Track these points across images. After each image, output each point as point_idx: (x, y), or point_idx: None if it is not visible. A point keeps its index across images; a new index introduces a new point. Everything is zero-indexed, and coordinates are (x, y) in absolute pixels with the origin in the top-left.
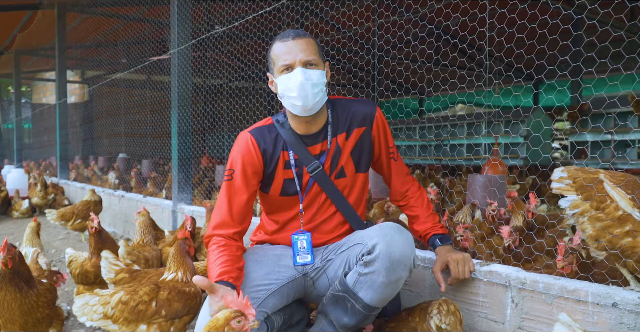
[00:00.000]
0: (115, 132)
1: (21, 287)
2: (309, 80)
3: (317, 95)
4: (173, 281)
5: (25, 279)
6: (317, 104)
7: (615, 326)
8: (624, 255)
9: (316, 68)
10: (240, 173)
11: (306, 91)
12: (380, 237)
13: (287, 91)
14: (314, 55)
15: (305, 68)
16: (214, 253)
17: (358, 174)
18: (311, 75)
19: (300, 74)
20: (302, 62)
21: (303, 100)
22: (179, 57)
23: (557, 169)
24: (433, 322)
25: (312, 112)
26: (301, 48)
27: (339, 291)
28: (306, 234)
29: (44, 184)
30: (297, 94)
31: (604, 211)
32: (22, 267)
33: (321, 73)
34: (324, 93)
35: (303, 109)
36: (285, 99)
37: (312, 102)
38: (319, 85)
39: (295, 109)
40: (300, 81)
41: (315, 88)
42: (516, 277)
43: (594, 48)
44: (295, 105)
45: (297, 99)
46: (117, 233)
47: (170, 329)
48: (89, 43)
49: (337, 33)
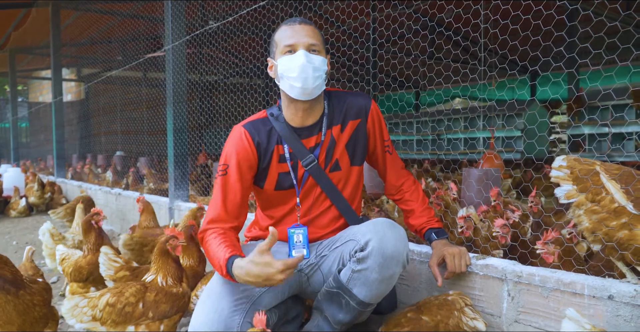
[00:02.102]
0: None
1: (7, 289)
2: (310, 63)
3: (317, 80)
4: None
5: (10, 281)
6: (316, 89)
7: (612, 318)
8: (621, 248)
9: (319, 54)
10: (235, 168)
11: (307, 73)
12: (373, 234)
13: (288, 71)
14: (318, 42)
15: (308, 52)
16: (214, 241)
17: (353, 167)
18: (313, 59)
19: (302, 55)
20: (305, 46)
21: (303, 82)
22: (174, 53)
23: (558, 157)
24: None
25: (310, 96)
26: (306, 33)
27: (333, 287)
28: (303, 228)
29: (40, 183)
30: (298, 75)
31: (600, 204)
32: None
33: (323, 60)
34: (323, 81)
35: (302, 91)
36: (284, 81)
37: (312, 85)
38: (320, 70)
39: (293, 91)
40: (303, 63)
41: (316, 72)
42: (512, 271)
43: (588, 39)
44: (294, 86)
45: (296, 80)
46: (114, 231)
47: (160, 328)
48: (84, 41)
49: (332, 27)
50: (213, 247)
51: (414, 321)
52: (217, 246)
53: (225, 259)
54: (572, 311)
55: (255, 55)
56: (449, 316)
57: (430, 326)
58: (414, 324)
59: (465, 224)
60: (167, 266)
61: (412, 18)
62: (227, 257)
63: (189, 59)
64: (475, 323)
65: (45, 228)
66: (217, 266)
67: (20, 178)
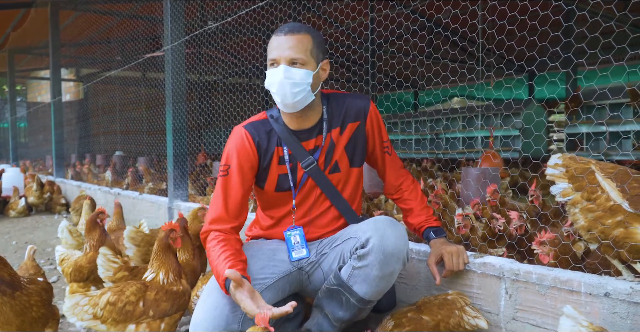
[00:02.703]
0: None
1: (3, 291)
2: (288, 79)
3: (297, 95)
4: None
5: (6, 282)
6: (299, 103)
7: (608, 315)
8: (617, 245)
9: (302, 67)
10: (237, 168)
11: (284, 90)
12: (373, 231)
13: (269, 86)
14: (301, 54)
15: (289, 66)
16: (215, 249)
17: (352, 169)
18: (294, 74)
19: (281, 71)
20: (286, 60)
21: (282, 98)
22: (173, 53)
23: (554, 155)
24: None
25: (293, 109)
26: (290, 45)
27: (334, 285)
28: (298, 229)
29: (39, 183)
30: (276, 91)
31: (595, 202)
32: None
33: (306, 73)
34: (308, 92)
35: (283, 105)
36: (271, 93)
37: (291, 100)
38: (301, 85)
39: (278, 104)
40: (280, 79)
41: (295, 88)
42: (510, 269)
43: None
44: (277, 101)
45: (276, 95)
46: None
47: (160, 326)
48: (83, 41)
49: (331, 27)
50: (214, 255)
51: (414, 321)
52: (218, 257)
53: (223, 279)
54: (570, 309)
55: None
56: (449, 315)
57: (431, 326)
58: (414, 324)
59: (463, 222)
60: (169, 261)
61: (410, 18)
62: (224, 277)
63: (188, 59)
64: (477, 321)
65: (64, 225)
66: (216, 278)
67: (19, 178)
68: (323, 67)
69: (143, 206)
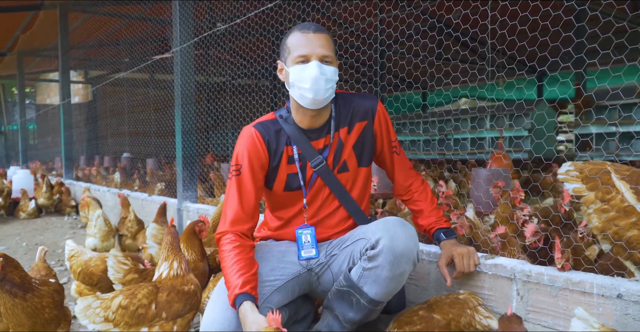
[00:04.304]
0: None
1: (14, 293)
2: (323, 74)
3: (328, 91)
4: (170, 278)
5: (17, 285)
6: (326, 99)
7: (621, 317)
8: (630, 247)
9: (331, 65)
10: (248, 167)
11: (319, 85)
12: (383, 232)
13: (300, 82)
14: (330, 52)
15: (321, 63)
16: (229, 255)
17: (360, 168)
18: (326, 70)
19: (316, 67)
20: (319, 57)
21: (314, 94)
22: (182, 55)
23: (564, 164)
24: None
25: (320, 105)
26: (320, 43)
27: (344, 286)
28: (310, 228)
29: (49, 184)
30: (310, 87)
31: (609, 203)
32: (11, 274)
33: (335, 70)
34: (333, 89)
35: (313, 101)
36: (295, 89)
37: (323, 96)
38: (332, 81)
39: (303, 101)
40: (316, 75)
41: (328, 83)
42: (521, 270)
43: (596, 39)
44: (306, 96)
45: (309, 91)
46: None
47: (173, 328)
48: (92, 43)
49: (339, 28)
50: (227, 262)
51: (426, 319)
52: (231, 266)
53: (234, 294)
54: (581, 310)
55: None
56: (460, 314)
57: (442, 325)
58: (426, 322)
59: (459, 222)
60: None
61: (420, 19)
62: (236, 293)
63: (196, 61)
64: (489, 322)
65: (99, 213)
66: (227, 288)
67: (29, 180)
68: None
69: (152, 208)
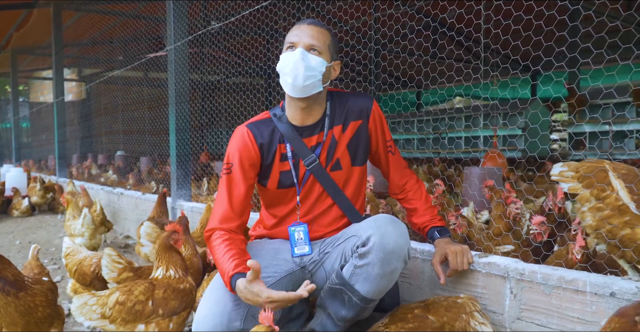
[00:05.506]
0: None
1: (7, 291)
2: (305, 61)
3: (308, 79)
4: (166, 277)
5: (10, 283)
6: (307, 88)
7: None
8: (623, 245)
9: (318, 55)
10: (238, 166)
11: (298, 70)
12: (374, 229)
13: (282, 67)
14: (320, 43)
15: (307, 51)
16: (220, 247)
17: (354, 168)
18: (310, 58)
19: (299, 53)
20: (305, 45)
21: (293, 79)
22: (176, 53)
23: (556, 165)
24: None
25: (301, 94)
26: (311, 33)
27: (336, 283)
28: (303, 225)
29: (42, 183)
30: (290, 71)
31: (604, 201)
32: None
33: (321, 61)
34: (318, 81)
35: (292, 87)
36: (281, 76)
37: (302, 83)
38: (314, 70)
39: (286, 87)
40: (296, 60)
41: (308, 71)
42: (514, 268)
43: (590, 38)
44: (286, 82)
45: (288, 75)
46: (117, 230)
47: (169, 326)
48: (86, 41)
49: (334, 27)
50: (219, 253)
51: (419, 319)
52: (223, 255)
53: (229, 276)
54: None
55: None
56: (455, 318)
57: (436, 327)
58: (419, 322)
59: (457, 222)
60: (173, 259)
61: (415, 18)
62: (230, 274)
63: (191, 59)
64: (483, 328)
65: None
66: (222, 276)
67: (22, 178)
68: (334, 66)
69: (146, 206)
